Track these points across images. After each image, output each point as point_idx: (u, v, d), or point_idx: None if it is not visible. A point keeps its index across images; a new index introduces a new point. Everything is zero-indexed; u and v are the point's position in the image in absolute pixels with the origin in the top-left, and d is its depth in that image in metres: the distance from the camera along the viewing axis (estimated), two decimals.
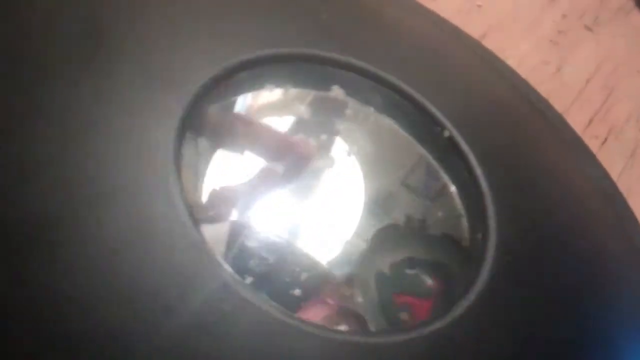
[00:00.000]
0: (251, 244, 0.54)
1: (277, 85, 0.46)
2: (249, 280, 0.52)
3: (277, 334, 0.33)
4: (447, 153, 0.44)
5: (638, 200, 0.61)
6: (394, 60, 0.47)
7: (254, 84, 0.45)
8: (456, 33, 0.57)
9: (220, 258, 0.35)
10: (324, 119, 0.48)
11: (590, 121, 0.82)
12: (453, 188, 0.44)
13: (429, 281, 0.43)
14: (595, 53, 0.89)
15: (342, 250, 0.53)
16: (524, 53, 0.83)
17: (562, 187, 0.46)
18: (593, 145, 0.73)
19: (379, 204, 0.49)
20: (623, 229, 0.50)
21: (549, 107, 0.55)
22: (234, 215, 0.52)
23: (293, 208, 0.53)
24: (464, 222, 0.42)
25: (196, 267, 0.33)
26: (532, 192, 0.43)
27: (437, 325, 0.35)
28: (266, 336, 0.33)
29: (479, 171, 0.42)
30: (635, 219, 0.52)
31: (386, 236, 0.48)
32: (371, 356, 0.34)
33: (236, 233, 0.54)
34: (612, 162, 0.76)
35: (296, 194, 0.53)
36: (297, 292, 0.56)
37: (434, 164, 0.45)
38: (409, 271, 0.45)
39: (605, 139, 0.81)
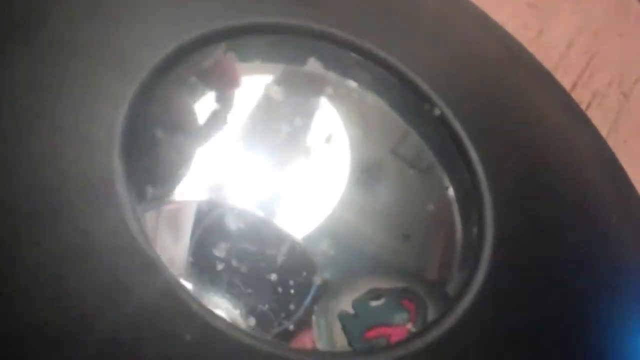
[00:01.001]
0: (222, 223, 0.48)
1: (245, 60, 0.39)
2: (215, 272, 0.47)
3: (229, 353, 0.27)
4: (438, 132, 0.38)
5: (623, 163, 0.57)
6: (375, 29, 0.40)
7: None
8: None
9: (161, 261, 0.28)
10: (299, 97, 0.42)
11: (574, 86, 0.78)
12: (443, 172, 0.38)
13: (400, 306, 0.38)
14: (575, 17, 0.84)
15: (325, 223, 0.47)
16: (504, 18, 0.78)
17: (564, 163, 0.41)
18: None
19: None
20: (627, 203, 0.44)
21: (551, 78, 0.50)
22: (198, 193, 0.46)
23: (268, 183, 0.47)
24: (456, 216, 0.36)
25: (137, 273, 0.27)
26: (532, 177, 0.37)
27: (418, 344, 0.29)
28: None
29: (473, 155, 0.36)
30: (634, 190, 0.47)
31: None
32: None
33: (203, 212, 0.48)
34: (597, 126, 0.72)
35: (271, 171, 0.47)
36: (273, 277, 0.51)
37: (423, 144, 0.39)
38: (374, 303, 0.40)
39: (589, 104, 0.77)
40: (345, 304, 0.43)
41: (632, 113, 0.79)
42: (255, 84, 0.43)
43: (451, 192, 0.38)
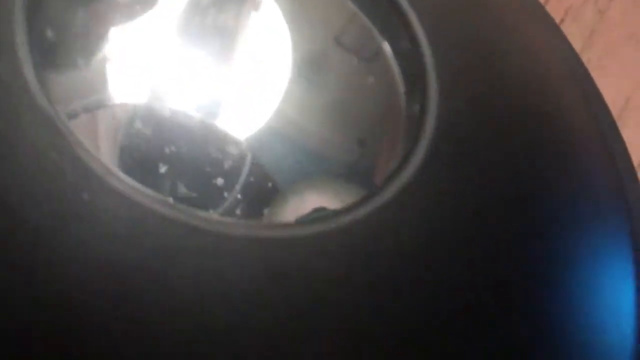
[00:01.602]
0: (157, 126, 0.45)
1: None
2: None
3: (155, 230, 0.24)
4: (384, 11, 0.35)
5: (596, 82, 0.55)
6: None
7: None
8: None
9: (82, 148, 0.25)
10: None
11: (547, 1, 0.75)
12: (389, 50, 0.35)
13: None
14: None
15: (270, 122, 0.44)
16: None
17: (522, 56, 0.38)
18: None
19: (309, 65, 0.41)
20: (589, 109, 0.42)
21: None
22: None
23: (206, 77, 0.44)
24: (401, 94, 0.34)
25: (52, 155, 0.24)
26: (485, 62, 0.34)
27: (359, 212, 0.26)
28: (141, 232, 0.24)
29: (420, 32, 0.33)
30: (602, 99, 0.44)
31: None
32: (278, 254, 0.25)
33: (134, 114, 0.45)
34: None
35: (208, 68, 0.44)
36: (219, 181, 0.48)
37: (368, 23, 0.36)
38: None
39: (562, 20, 0.74)
40: (291, 214, 0.41)
41: (607, 31, 0.77)
42: None
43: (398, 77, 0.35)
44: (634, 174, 0.43)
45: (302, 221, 0.28)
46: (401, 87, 0.36)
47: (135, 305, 0.23)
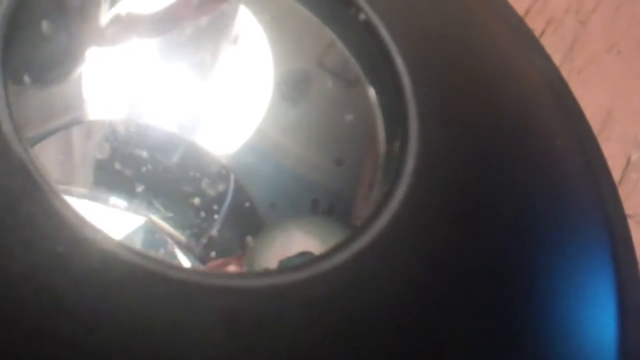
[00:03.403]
0: (134, 144, 0.45)
1: None
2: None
3: (126, 278, 0.23)
4: (363, 39, 0.34)
5: (577, 94, 0.55)
6: None
7: None
8: None
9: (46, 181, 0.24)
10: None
11: (527, 12, 0.75)
12: (369, 84, 0.34)
13: None
14: None
15: (250, 141, 0.44)
16: None
17: (504, 84, 0.38)
18: None
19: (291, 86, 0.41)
20: (571, 127, 0.42)
21: None
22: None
23: (188, 99, 0.44)
24: (380, 128, 0.33)
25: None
26: (466, 89, 0.34)
27: (337, 259, 0.26)
28: (115, 283, 0.23)
29: (399, 61, 0.32)
30: (583, 116, 0.44)
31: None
32: (256, 302, 0.25)
33: (116, 131, 0.45)
34: (551, 55, 0.70)
35: (191, 86, 0.44)
36: (196, 201, 0.48)
37: (347, 52, 0.35)
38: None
39: (543, 31, 0.74)
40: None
41: (588, 42, 0.77)
42: None
43: (376, 103, 0.35)
44: (615, 191, 0.43)
45: (275, 269, 0.27)
46: (379, 116, 0.35)
47: (108, 358, 0.23)
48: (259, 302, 0.24)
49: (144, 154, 0.45)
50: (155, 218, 0.47)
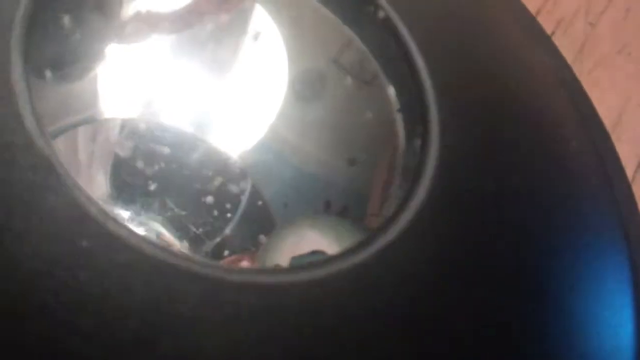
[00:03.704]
0: (149, 142, 0.45)
1: None
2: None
3: (150, 273, 0.23)
4: (382, 37, 0.34)
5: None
6: None
7: None
8: None
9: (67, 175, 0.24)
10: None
11: (537, 13, 0.74)
12: (388, 82, 0.34)
13: None
14: None
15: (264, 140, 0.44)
16: None
17: (520, 80, 0.37)
18: None
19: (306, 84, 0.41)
20: (585, 126, 0.41)
21: None
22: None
23: (202, 98, 0.44)
24: (400, 126, 0.33)
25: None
26: (484, 88, 0.34)
27: (358, 257, 0.25)
28: (136, 276, 0.23)
29: (419, 59, 0.32)
30: (596, 115, 0.44)
31: None
32: (276, 299, 0.25)
33: (130, 129, 0.45)
34: None
35: (205, 85, 0.44)
36: (209, 200, 0.47)
37: (365, 50, 0.35)
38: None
39: (553, 33, 0.74)
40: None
41: (598, 43, 0.76)
42: None
43: (395, 102, 0.34)
44: (630, 190, 0.43)
45: (297, 265, 0.27)
46: (397, 115, 0.35)
47: (133, 354, 0.23)
48: (290, 298, 0.24)
49: (158, 152, 0.45)
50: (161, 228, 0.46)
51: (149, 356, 0.23)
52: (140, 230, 0.45)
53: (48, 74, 0.33)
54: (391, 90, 0.35)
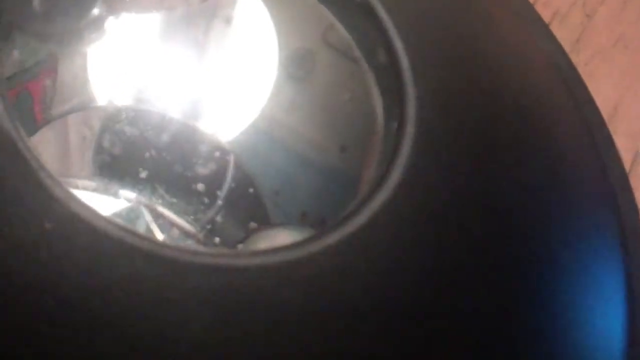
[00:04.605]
0: (138, 128, 0.44)
1: None
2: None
3: (118, 257, 0.23)
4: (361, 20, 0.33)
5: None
6: None
7: None
8: None
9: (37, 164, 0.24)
10: None
11: (534, 4, 0.73)
12: (366, 65, 0.33)
13: None
14: None
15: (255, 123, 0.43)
16: None
17: (510, 61, 0.36)
18: None
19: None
20: (582, 115, 0.41)
21: None
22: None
23: (191, 83, 0.43)
24: (378, 108, 0.32)
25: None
26: (465, 68, 0.33)
27: (331, 239, 0.25)
28: (104, 260, 0.23)
29: (397, 43, 0.31)
30: (592, 101, 0.43)
31: None
32: (241, 282, 0.24)
33: (119, 117, 0.44)
34: None
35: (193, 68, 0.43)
36: (200, 187, 0.47)
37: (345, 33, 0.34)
38: None
39: (549, 24, 0.73)
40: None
41: (594, 36, 0.75)
42: None
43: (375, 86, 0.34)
44: (626, 180, 0.42)
45: (267, 249, 0.27)
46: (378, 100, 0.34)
47: (95, 334, 0.22)
48: (249, 281, 0.23)
49: (148, 139, 0.44)
50: (159, 205, 0.46)
51: (110, 336, 0.22)
52: (129, 217, 0.45)
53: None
54: (371, 75, 0.34)
